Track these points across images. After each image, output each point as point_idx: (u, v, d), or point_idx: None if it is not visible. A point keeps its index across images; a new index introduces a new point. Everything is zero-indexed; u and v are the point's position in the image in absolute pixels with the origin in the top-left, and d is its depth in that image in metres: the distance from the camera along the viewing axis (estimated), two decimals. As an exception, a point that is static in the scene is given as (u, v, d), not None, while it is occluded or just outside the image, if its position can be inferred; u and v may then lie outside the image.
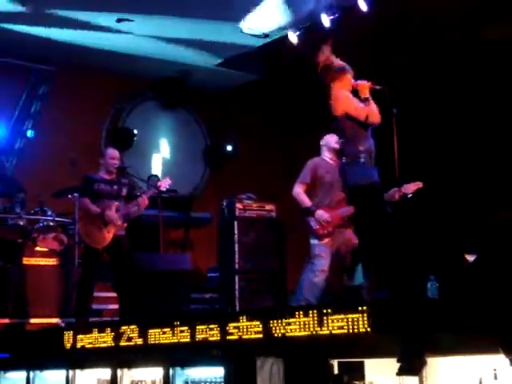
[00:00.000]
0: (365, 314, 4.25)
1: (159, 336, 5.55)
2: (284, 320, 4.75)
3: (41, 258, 8.62)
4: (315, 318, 4.59)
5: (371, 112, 6.24)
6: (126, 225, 7.79)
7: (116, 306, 8.12)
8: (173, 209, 10.44)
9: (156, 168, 12.13)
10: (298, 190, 7.35)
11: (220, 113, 12.56)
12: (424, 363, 4.17)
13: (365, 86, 6.33)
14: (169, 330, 5.47)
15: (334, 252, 7.15)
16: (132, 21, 10.00)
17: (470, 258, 6.27)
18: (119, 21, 10.00)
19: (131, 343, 5.76)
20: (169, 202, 9.77)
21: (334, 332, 4.43)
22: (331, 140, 7.31)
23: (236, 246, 8.71)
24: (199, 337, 5.27)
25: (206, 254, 10.00)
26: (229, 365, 4.84)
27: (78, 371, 6.28)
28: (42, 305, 8.37)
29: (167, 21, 10.05)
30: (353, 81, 6.43)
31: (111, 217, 7.58)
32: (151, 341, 5.59)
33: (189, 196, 11.94)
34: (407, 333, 4.12)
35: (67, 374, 6.29)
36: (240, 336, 4.98)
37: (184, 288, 8.57)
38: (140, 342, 5.69)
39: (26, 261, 8.56)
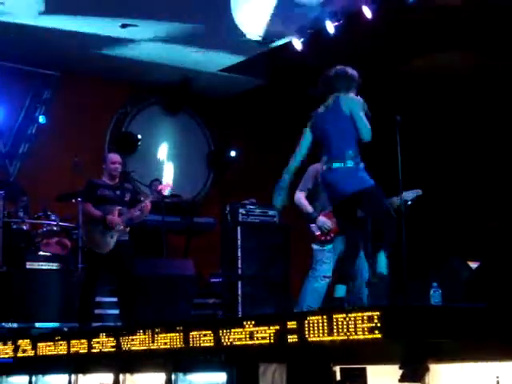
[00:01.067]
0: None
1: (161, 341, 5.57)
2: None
3: (44, 263, 8.62)
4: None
5: None
6: (128, 229, 7.79)
7: (117, 312, 8.12)
8: (176, 214, 10.45)
9: (159, 173, 12.14)
10: (300, 196, 7.35)
11: (223, 118, 12.58)
12: (426, 370, 4.16)
13: None
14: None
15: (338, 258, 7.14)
16: (136, 26, 10.03)
17: (473, 265, 6.28)
18: (124, 26, 10.03)
19: (133, 348, 5.76)
20: (172, 207, 9.78)
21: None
22: None
23: (239, 251, 8.73)
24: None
25: (209, 259, 9.99)
26: (231, 370, 4.84)
27: (80, 375, 6.28)
28: (45, 309, 8.38)
29: (171, 26, 10.08)
30: None
31: (113, 220, 7.59)
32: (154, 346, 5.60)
33: (192, 201, 11.95)
34: (410, 339, 4.12)
35: (69, 378, 6.29)
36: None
37: (187, 293, 8.57)
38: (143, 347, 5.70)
39: (30, 265, 8.56)
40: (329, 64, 6.28)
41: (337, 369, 4.52)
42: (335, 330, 4.29)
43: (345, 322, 4.26)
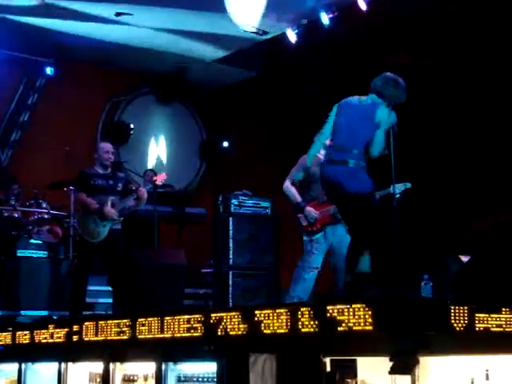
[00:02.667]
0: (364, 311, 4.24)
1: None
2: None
3: (35, 251, 8.61)
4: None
5: None
6: (121, 219, 7.78)
7: (109, 300, 8.12)
8: (168, 204, 10.43)
9: (152, 163, 12.13)
10: (289, 185, 7.34)
11: (217, 109, 12.56)
12: (417, 362, 4.17)
13: None
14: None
15: (329, 249, 7.14)
16: (131, 14, 10.00)
17: (465, 258, 6.28)
18: (118, 14, 9.99)
19: (123, 337, 5.76)
20: (164, 197, 9.76)
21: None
22: None
23: (230, 241, 8.72)
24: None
25: (201, 249, 9.99)
26: (221, 360, 4.84)
27: (70, 364, 6.27)
28: (36, 297, 8.38)
29: (165, 14, 10.03)
30: None
31: (109, 213, 7.57)
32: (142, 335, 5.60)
33: (184, 191, 11.94)
34: (400, 331, 4.13)
35: (59, 366, 6.28)
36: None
37: (178, 283, 8.56)
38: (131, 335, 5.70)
39: (21, 253, 8.55)
40: (323, 56, 6.28)
41: (327, 360, 4.52)
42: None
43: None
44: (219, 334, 4.89)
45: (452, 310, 4.08)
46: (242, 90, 12.05)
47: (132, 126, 11.89)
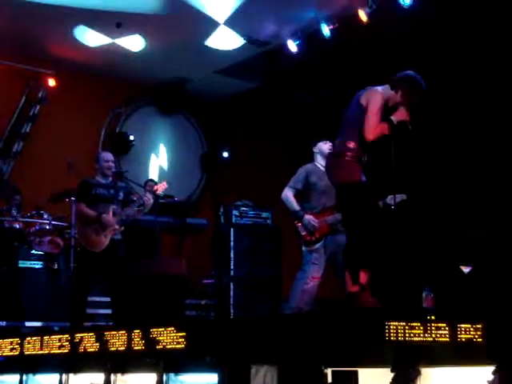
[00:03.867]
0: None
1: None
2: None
3: (36, 262, 8.62)
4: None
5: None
6: (122, 228, 7.78)
7: (109, 311, 8.11)
8: (169, 214, 10.44)
9: (153, 173, 12.14)
10: (288, 194, 7.33)
11: (217, 120, 12.58)
12: (418, 373, 4.17)
13: None
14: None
15: (329, 259, 7.12)
16: (131, 25, 10.04)
17: (466, 269, 6.29)
18: (119, 25, 10.02)
19: (125, 348, 5.75)
20: (165, 207, 9.77)
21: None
22: (325, 147, 7.29)
23: (232, 252, 8.72)
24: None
25: (202, 260, 9.99)
26: (223, 371, 4.83)
27: (71, 375, 6.26)
28: (37, 308, 8.37)
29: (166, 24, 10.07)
30: None
31: (109, 221, 7.58)
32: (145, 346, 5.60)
33: (185, 202, 11.95)
34: (401, 342, 4.13)
35: (60, 377, 6.27)
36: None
37: (179, 294, 8.55)
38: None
39: (22, 264, 8.55)
40: (323, 66, 6.29)
41: (328, 371, 4.52)
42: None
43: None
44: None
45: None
46: (242, 101, 12.07)
47: (133, 137, 11.91)
